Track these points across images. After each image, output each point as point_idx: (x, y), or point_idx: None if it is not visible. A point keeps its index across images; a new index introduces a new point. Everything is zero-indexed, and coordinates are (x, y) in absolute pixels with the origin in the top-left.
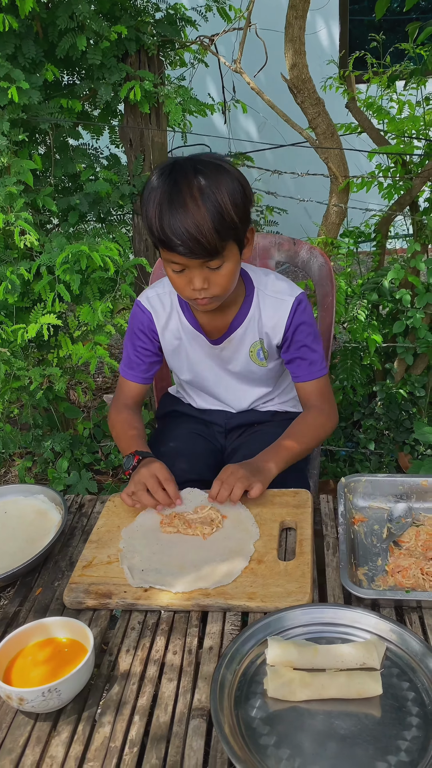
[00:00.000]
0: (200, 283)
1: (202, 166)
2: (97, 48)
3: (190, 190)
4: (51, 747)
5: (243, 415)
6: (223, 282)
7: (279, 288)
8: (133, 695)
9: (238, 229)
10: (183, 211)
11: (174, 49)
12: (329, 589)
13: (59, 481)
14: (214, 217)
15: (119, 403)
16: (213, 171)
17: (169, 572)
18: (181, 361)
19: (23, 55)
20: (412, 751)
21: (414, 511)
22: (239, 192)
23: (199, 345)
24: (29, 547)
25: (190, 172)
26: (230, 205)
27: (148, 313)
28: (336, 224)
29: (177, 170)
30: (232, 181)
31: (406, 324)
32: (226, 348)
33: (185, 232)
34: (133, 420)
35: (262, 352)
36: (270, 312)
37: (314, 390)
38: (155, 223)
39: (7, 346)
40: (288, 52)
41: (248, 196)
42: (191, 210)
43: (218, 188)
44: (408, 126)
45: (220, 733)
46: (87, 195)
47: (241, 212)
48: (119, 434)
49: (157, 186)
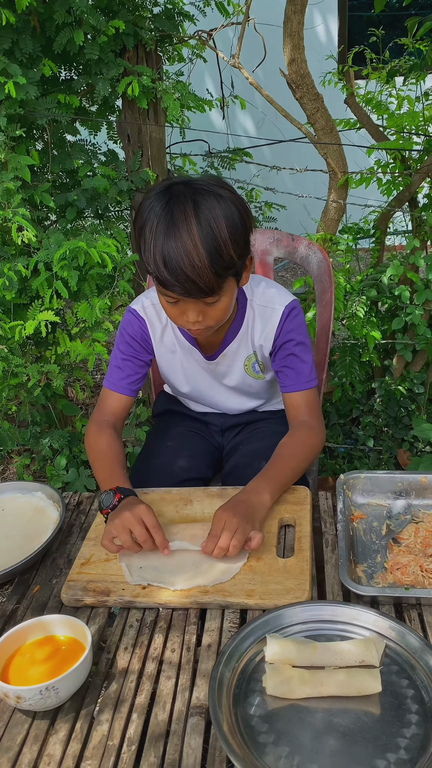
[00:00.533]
0: (195, 316)
1: (199, 196)
2: (94, 43)
3: (187, 225)
4: (49, 745)
5: (239, 416)
6: (218, 315)
7: (270, 296)
8: (131, 693)
9: (237, 265)
10: (179, 250)
11: (172, 44)
12: (328, 586)
13: (57, 479)
14: (213, 258)
15: (101, 418)
16: (211, 201)
17: (168, 570)
18: (178, 375)
19: (20, 50)
20: (412, 749)
21: (413, 508)
22: (239, 226)
23: (195, 359)
24: (27, 544)
25: (187, 203)
26: (230, 242)
27: (143, 321)
28: (335, 220)
29: (174, 202)
30: (232, 213)
31: (405, 320)
32: (221, 363)
33: (182, 273)
34: (114, 445)
35: (257, 365)
36: (261, 323)
37: (302, 402)
38: (151, 259)
39: (4, 343)
40: (286, 47)
41: (248, 227)
42: (188, 249)
43: (217, 223)
44: (407, 122)
45: (218, 731)
46: (85, 191)
47: (240, 248)
48: (97, 459)
49: (152, 215)
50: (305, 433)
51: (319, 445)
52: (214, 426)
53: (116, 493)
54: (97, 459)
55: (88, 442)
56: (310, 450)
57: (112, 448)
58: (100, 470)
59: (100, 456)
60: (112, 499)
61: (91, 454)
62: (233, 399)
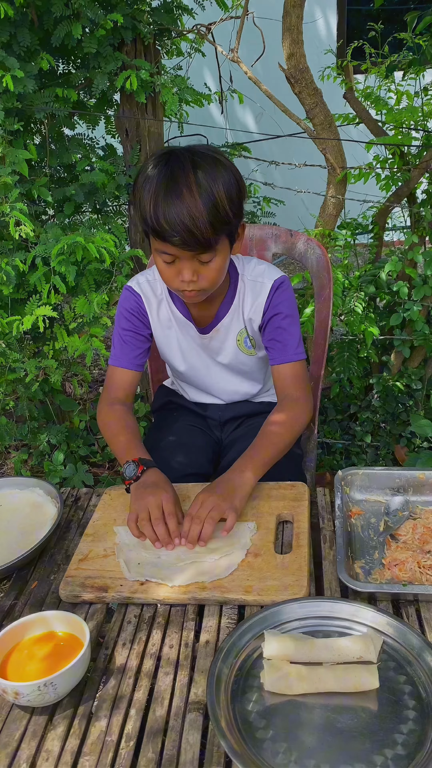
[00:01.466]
0: (189, 275)
1: (199, 158)
2: (92, 36)
3: (186, 182)
4: (47, 741)
5: (236, 407)
6: (211, 276)
7: (259, 272)
8: (129, 689)
9: (232, 223)
10: (179, 203)
11: (170, 38)
12: (326, 582)
13: (55, 474)
14: (210, 210)
15: (110, 396)
16: (210, 163)
17: (166, 566)
18: (174, 351)
19: (18, 43)
20: (409, 745)
21: (411, 504)
22: (234, 186)
23: (190, 335)
24: (25, 540)
25: (187, 163)
26: (226, 199)
27: (138, 296)
28: (333, 216)
29: (173, 160)
30: (228, 174)
31: (403, 316)
32: (215, 338)
33: (180, 224)
34: (128, 419)
35: (249, 340)
36: (251, 297)
37: (288, 374)
38: (150, 213)
39: (2, 338)
40: (285, 42)
41: (242, 191)
42: (187, 201)
43: (215, 181)
44: (406, 117)
45: (216, 727)
46: (83, 185)
47: (235, 207)
48: (114, 434)
49: (152, 175)
50: (290, 408)
51: (305, 417)
52: (212, 420)
53: (139, 464)
54: (114, 434)
55: (101, 419)
56: (296, 424)
57: (126, 421)
58: (117, 443)
59: (115, 431)
60: (135, 471)
61: (106, 430)
62: (227, 379)
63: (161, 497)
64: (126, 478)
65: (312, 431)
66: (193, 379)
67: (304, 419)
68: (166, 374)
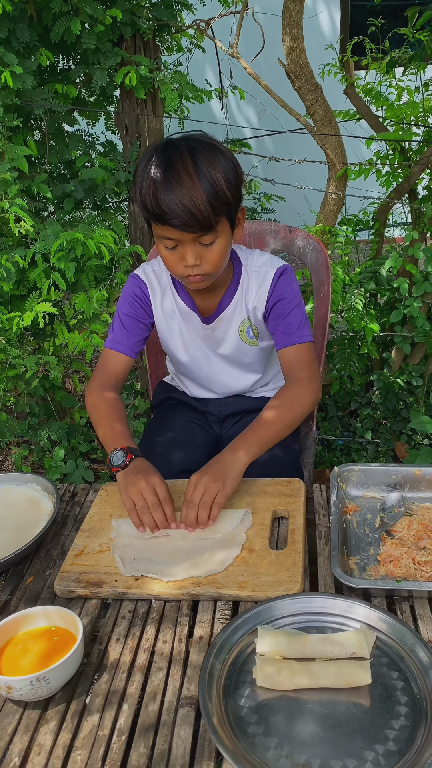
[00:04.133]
0: (193, 259)
1: (195, 144)
2: (91, 32)
3: (184, 166)
4: (39, 735)
5: (236, 403)
6: (215, 259)
7: (262, 262)
8: (122, 684)
9: (231, 205)
10: (178, 185)
11: (170, 34)
12: (321, 578)
13: (55, 470)
14: (208, 191)
15: (102, 379)
16: (206, 149)
17: (161, 561)
18: (176, 342)
19: (17, 39)
20: (400, 741)
21: (407, 501)
22: (232, 170)
23: (193, 326)
24: (21, 535)
25: (184, 150)
26: (223, 181)
27: (144, 284)
28: (334, 212)
29: (171, 148)
30: (226, 159)
31: (403, 313)
32: (217, 328)
33: (180, 205)
34: (117, 404)
35: (251, 330)
36: (255, 287)
37: (294, 357)
38: (149, 198)
39: (2, 335)
40: (285, 37)
41: (240, 176)
42: (186, 184)
43: (212, 164)
44: (407, 112)
45: (207, 722)
46: (82, 182)
47: (233, 189)
48: (102, 418)
49: (151, 163)
50: (290, 388)
51: (308, 397)
52: (212, 416)
53: (127, 453)
54: (102, 418)
55: (90, 402)
56: (296, 403)
57: (116, 407)
58: (105, 429)
59: (104, 415)
60: (123, 458)
61: (95, 413)
62: (227, 372)
63: (153, 481)
64: (113, 465)
65: (310, 428)
66: (194, 371)
67: (306, 399)
68: (165, 371)
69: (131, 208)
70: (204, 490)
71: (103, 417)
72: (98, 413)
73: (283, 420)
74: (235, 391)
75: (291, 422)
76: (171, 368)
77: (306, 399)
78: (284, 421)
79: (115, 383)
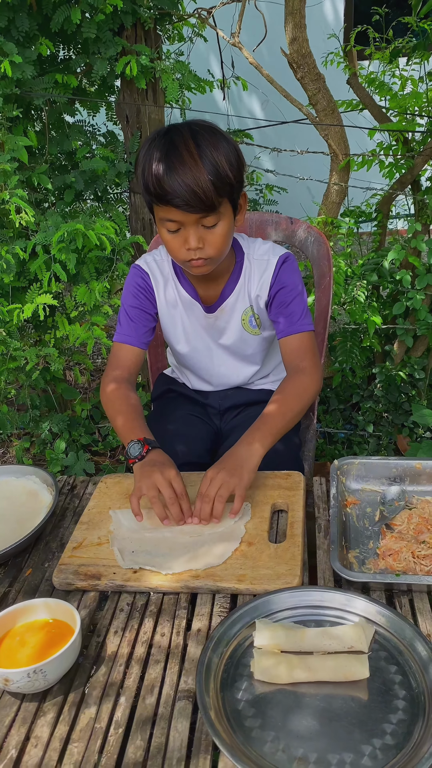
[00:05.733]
0: (195, 242)
1: (197, 128)
2: (91, 21)
3: (187, 147)
4: (36, 727)
5: (236, 395)
6: (217, 242)
7: (264, 250)
8: (119, 677)
9: (234, 187)
10: (180, 166)
11: (171, 23)
12: (320, 572)
13: (57, 463)
14: (211, 171)
15: (115, 373)
16: (208, 133)
17: (160, 554)
18: (177, 331)
19: (16, 28)
20: (398, 735)
21: (407, 494)
22: (234, 153)
23: (195, 315)
24: (20, 527)
25: (186, 133)
26: (226, 163)
27: (146, 274)
28: (336, 203)
29: (173, 132)
30: (227, 143)
31: (406, 305)
32: (220, 317)
33: (183, 184)
34: (132, 397)
35: (254, 319)
36: (257, 275)
37: (295, 345)
38: (152, 179)
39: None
40: (288, 26)
41: (242, 160)
42: (189, 164)
43: (214, 147)
44: (410, 102)
45: (204, 716)
46: (83, 173)
47: (236, 171)
48: (118, 412)
49: (153, 146)
50: (296, 378)
51: (313, 387)
52: (212, 408)
53: (144, 444)
54: (118, 411)
55: (105, 396)
56: (304, 393)
57: (131, 400)
58: (121, 422)
59: (120, 408)
60: (140, 450)
61: (110, 407)
62: (228, 363)
63: (170, 475)
64: (130, 456)
65: (311, 420)
66: (194, 363)
67: (312, 389)
68: (165, 363)
69: (132, 198)
70: (221, 484)
71: (118, 410)
72: (113, 407)
73: (292, 410)
74: (234, 384)
75: (299, 411)
76: (171, 360)
77: (311, 388)
78: (294, 411)
79: (129, 377)
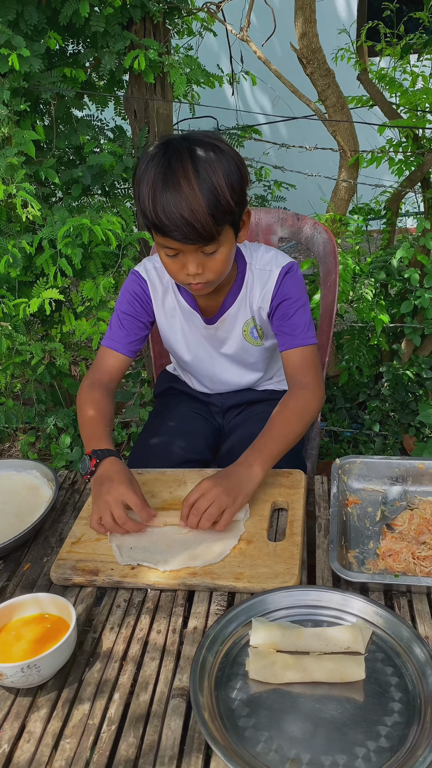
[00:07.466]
0: (194, 268)
1: (196, 146)
2: (100, 15)
3: (184, 172)
4: (29, 722)
5: (239, 395)
6: (217, 267)
7: (267, 260)
8: (114, 673)
9: (234, 212)
10: (177, 194)
11: (180, 17)
12: (318, 571)
13: (61, 457)
14: (210, 201)
15: (95, 377)
16: (208, 151)
17: (158, 550)
18: (178, 341)
19: (25, 21)
20: (392, 737)
21: (409, 494)
22: (235, 173)
23: (195, 325)
24: (19, 522)
25: (184, 153)
26: (226, 187)
27: (144, 282)
28: (345, 200)
29: (170, 150)
30: (228, 162)
31: (414, 304)
32: (220, 328)
33: (179, 217)
34: (103, 404)
35: (255, 330)
36: (259, 287)
37: (297, 359)
38: (148, 207)
39: (9, 321)
40: (298, 21)
41: (244, 177)
42: (186, 193)
43: (214, 170)
44: (421, 99)
45: (197, 715)
46: (90, 167)
47: (237, 195)
48: (85, 420)
49: (150, 166)
50: (299, 395)
51: (315, 403)
52: (214, 406)
53: (91, 458)
54: (85, 419)
55: (79, 400)
56: (305, 412)
57: (101, 407)
58: (84, 431)
59: (87, 415)
60: (87, 466)
61: (80, 412)
62: (231, 370)
63: (118, 492)
64: (81, 473)
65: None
66: (197, 369)
67: (314, 407)
68: (168, 359)
69: None
70: (213, 501)
71: (86, 418)
72: (83, 415)
73: (294, 431)
74: (238, 388)
75: (301, 432)
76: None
77: (314, 406)
78: (296, 432)
79: (108, 382)
